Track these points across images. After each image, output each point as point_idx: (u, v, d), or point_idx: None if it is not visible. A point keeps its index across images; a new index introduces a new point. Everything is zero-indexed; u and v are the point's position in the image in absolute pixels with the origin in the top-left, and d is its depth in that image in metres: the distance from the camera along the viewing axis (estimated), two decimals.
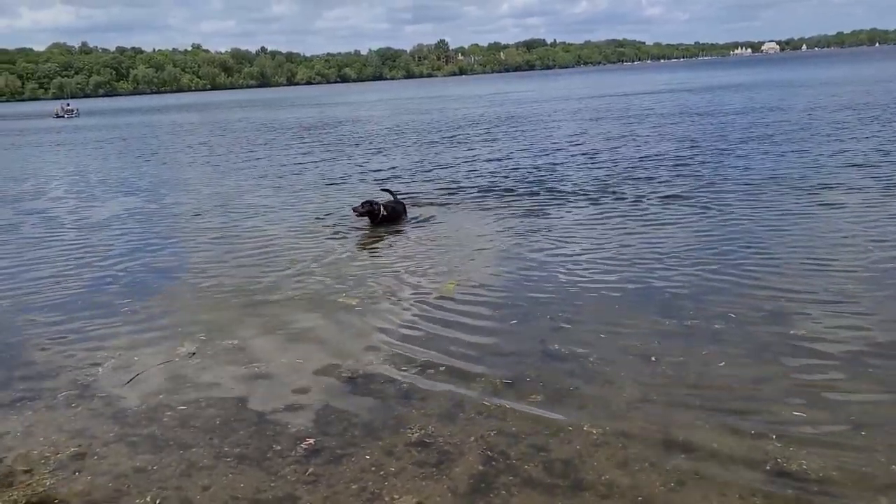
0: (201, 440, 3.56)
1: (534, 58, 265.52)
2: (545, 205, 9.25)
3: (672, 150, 13.68)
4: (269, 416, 3.79)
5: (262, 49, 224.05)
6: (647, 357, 4.22)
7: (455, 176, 12.35)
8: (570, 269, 6.15)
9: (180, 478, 3.24)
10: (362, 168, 14.36)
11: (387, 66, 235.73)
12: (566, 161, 13.32)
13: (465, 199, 10.01)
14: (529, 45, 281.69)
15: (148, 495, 3.11)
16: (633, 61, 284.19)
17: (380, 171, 13.71)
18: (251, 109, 52.81)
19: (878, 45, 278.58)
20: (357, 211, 8.45)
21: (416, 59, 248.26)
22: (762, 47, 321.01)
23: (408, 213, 9.03)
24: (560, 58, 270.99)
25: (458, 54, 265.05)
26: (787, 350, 4.21)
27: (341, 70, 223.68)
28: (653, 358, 4.20)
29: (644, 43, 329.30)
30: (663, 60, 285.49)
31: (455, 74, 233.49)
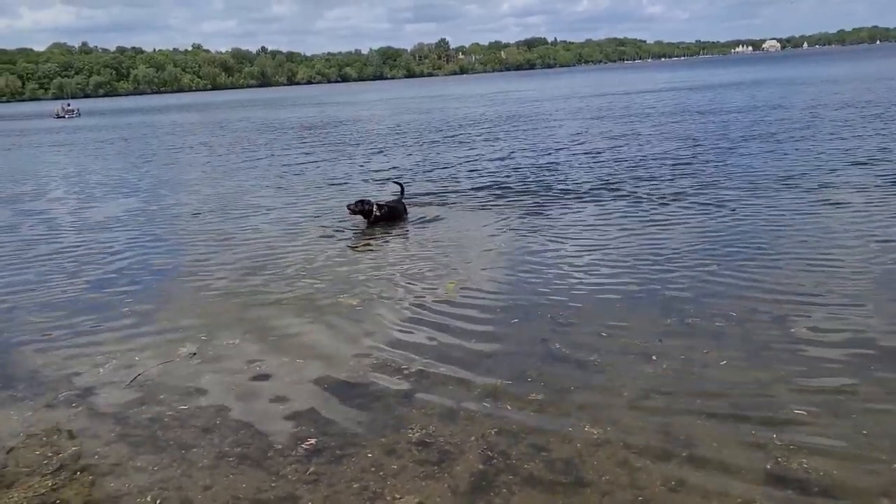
0: (202, 440, 3.56)
1: (535, 57, 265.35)
2: (546, 204, 9.24)
3: (674, 149, 13.67)
4: (270, 415, 3.79)
5: (263, 49, 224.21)
6: (647, 356, 4.21)
7: (456, 175, 12.35)
8: (572, 269, 6.15)
9: (181, 478, 3.24)
10: (363, 168, 14.36)
11: (387, 65, 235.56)
12: (567, 160, 13.31)
13: (466, 199, 10.01)
14: (530, 44, 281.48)
15: (148, 495, 3.11)
16: (634, 60, 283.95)
17: (381, 170, 13.70)
18: (251, 109, 52.82)
19: (879, 42, 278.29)
20: (351, 209, 8.48)
21: (417, 58, 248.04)
22: (763, 45, 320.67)
23: (408, 212, 9.02)
24: (561, 56, 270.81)
25: (459, 53, 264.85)
26: (789, 350, 4.20)
27: (342, 69, 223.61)
28: (654, 357, 4.19)
29: (645, 41, 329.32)
30: (664, 59, 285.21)
31: (456, 73, 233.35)
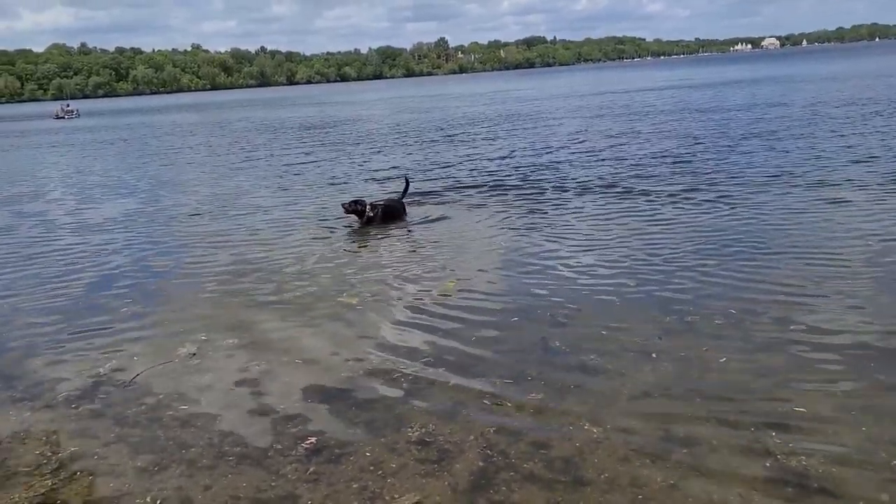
0: (202, 440, 3.56)
1: (534, 55, 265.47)
2: (546, 203, 9.24)
3: (674, 147, 13.66)
4: (269, 415, 3.78)
5: (262, 49, 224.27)
6: (647, 354, 4.21)
7: (456, 174, 12.34)
8: (571, 267, 6.14)
9: (181, 478, 3.23)
10: (363, 167, 14.34)
11: (387, 64, 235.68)
12: (567, 159, 13.29)
13: (466, 198, 10.00)
14: (530, 43, 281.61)
15: (148, 495, 3.10)
16: (634, 58, 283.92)
17: (381, 170, 13.69)
18: (251, 109, 52.81)
19: (879, 39, 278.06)
20: (345, 207, 8.52)
21: (416, 57, 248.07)
22: (762, 43, 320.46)
23: (407, 212, 9.01)
24: (560, 55, 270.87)
25: (459, 52, 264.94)
26: (789, 346, 4.19)
27: (341, 69, 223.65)
28: (653, 355, 4.19)
29: (644, 40, 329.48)
30: (664, 57, 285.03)
31: (455, 73, 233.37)
